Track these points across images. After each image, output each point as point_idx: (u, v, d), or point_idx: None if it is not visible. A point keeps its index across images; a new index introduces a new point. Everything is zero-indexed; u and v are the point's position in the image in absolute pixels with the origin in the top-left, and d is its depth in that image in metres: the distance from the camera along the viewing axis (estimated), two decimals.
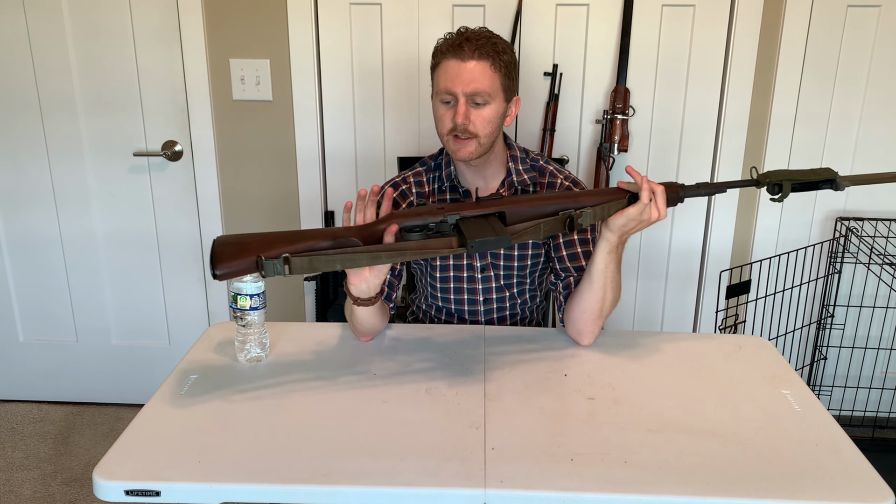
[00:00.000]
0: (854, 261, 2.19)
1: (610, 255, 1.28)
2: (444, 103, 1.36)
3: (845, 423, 2.13)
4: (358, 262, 1.15)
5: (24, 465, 2.21)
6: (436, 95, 1.37)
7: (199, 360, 1.31)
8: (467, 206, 1.21)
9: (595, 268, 1.30)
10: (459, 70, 1.32)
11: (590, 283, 1.31)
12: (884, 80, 2.09)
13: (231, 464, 1.00)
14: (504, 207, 1.20)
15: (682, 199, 1.24)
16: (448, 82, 1.33)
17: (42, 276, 2.43)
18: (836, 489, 0.95)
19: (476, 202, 1.21)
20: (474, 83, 1.32)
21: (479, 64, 1.32)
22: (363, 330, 1.36)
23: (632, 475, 0.97)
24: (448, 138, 1.38)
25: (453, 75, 1.32)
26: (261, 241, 1.13)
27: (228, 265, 1.10)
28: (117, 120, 2.26)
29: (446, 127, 1.37)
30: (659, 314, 2.37)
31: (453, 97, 1.34)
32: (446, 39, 1.36)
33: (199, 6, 2.12)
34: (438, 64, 1.35)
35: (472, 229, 1.15)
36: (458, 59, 1.32)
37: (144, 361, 2.49)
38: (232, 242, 1.13)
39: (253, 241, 1.13)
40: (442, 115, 1.37)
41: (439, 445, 1.04)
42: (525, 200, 1.22)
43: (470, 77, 1.32)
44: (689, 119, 2.16)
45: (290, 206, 2.29)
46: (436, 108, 1.39)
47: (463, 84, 1.32)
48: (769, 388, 1.21)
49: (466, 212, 1.19)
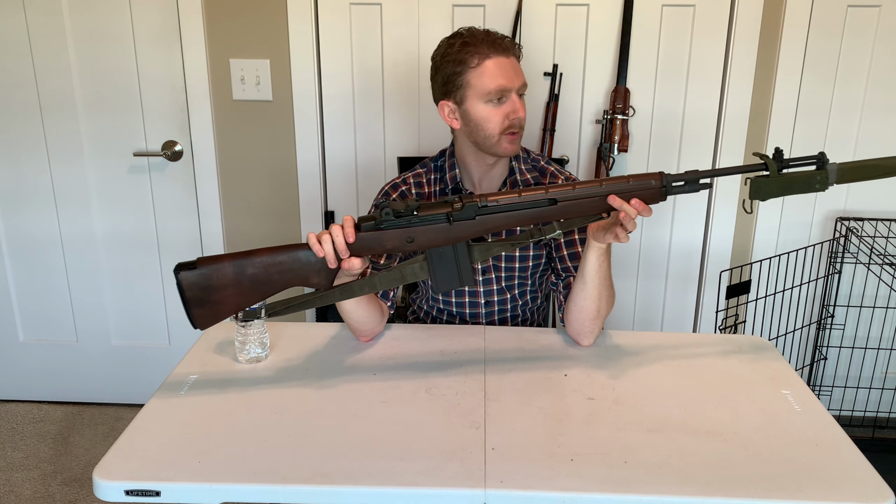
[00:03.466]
0: (854, 261, 2.19)
1: (602, 257, 1.28)
2: (492, 102, 1.35)
3: (845, 423, 2.13)
4: (330, 299, 1.18)
5: (24, 465, 2.21)
6: (481, 97, 1.35)
7: (199, 360, 1.31)
8: (431, 230, 1.15)
9: (588, 269, 1.29)
10: (506, 65, 1.34)
11: (583, 285, 1.31)
12: (884, 81, 2.09)
13: (231, 464, 1.00)
14: (477, 232, 1.15)
15: (664, 197, 1.15)
16: (502, 79, 1.33)
17: (42, 276, 2.43)
18: (836, 489, 0.95)
19: (449, 222, 1.14)
20: (521, 77, 1.37)
21: (516, 58, 1.37)
22: (355, 325, 1.36)
23: (632, 475, 0.97)
24: (501, 137, 1.36)
25: (505, 71, 1.33)
26: (229, 283, 1.13)
27: (208, 324, 1.16)
28: (117, 120, 2.26)
29: (500, 125, 1.35)
30: (659, 314, 2.37)
31: (507, 94, 1.34)
32: (472, 39, 1.34)
33: (199, 6, 2.12)
34: (480, 64, 1.33)
35: (438, 265, 1.16)
36: (503, 55, 1.34)
37: (144, 361, 2.49)
38: (205, 302, 1.13)
39: (224, 292, 1.13)
40: (492, 115, 1.35)
41: (439, 445, 1.04)
42: (501, 210, 1.14)
43: (516, 72, 1.35)
44: (690, 119, 2.16)
45: (291, 206, 2.29)
46: (481, 111, 1.35)
47: (515, 78, 1.35)
48: (769, 388, 1.21)
49: (431, 235, 1.14)
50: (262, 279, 1.14)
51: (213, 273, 1.12)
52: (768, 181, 1.12)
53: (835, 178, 1.11)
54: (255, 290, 1.14)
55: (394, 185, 1.52)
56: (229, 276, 1.13)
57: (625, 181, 1.14)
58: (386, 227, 1.14)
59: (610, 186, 1.13)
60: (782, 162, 1.11)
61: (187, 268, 1.12)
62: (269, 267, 1.14)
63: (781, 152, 1.11)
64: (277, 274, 1.14)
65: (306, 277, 1.16)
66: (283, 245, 1.16)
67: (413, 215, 1.13)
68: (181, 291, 1.12)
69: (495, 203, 1.13)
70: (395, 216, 1.13)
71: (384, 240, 1.14)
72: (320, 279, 1.16)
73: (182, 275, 1.11)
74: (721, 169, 1.14)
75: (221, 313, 1.15)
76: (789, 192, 1.13)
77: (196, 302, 1.13)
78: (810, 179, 1.12)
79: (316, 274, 1.16)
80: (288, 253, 1.15)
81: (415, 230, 1.14)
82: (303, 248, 1.15)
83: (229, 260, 1.13)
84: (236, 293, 1.13)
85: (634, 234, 2.26)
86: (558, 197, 1.13)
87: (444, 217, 1.13)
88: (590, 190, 1.14)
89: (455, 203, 1.13)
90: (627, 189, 1.13)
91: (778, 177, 1.11)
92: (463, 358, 1.31)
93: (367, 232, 1.14)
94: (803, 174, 1.12)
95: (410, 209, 1.13)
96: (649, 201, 1.14)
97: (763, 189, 1.12)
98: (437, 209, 1.14)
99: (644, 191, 1.13)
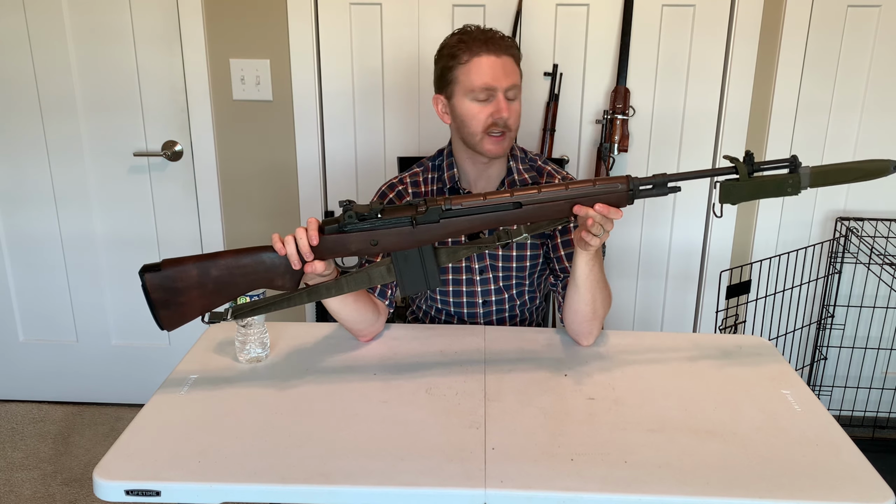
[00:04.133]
0: (854, 261, 2.19)
1: (592, 261, 1.27)
2: (478, 101, 1.35)
3: (845, 423, 2.12)
4: (297, 301, 1.18)
5: (24, 465, 2.21)
6: (466, 94, 1.35)
7: (199, 360, 1.31)
8: (395, 233, 1.14)
9: (578, 274, 1.28)
10: (496, 65, 1.33)
11: (576, 289, 1.30)
12: (884, 81, 2.09)
13: (231, 464, 1.00)
14: (441, 235, 1.14)
15: (631, 201, 1.13)
16: (487, 78, 1.33)
17: (42, 276, 2.43)
18: (836, 489, 0.95)
19: (413, 225, 1.14)
20: (510, 77, 1.34)
21: (510, 59, 1.35)
22: (347, 325, 1.35)
23: (632, 475, 0.97)
24: (483, 136, 1.36)
25: (493, 70, 1.33)
26: (193, 285, 1.13)
27: (174, 326, 1.16)
28: (117, 120, 2.26)
29: (483, 124, 1.35)
30: (659, 314, 2.37)
31: (492, 93, 1.34)
32: (467, 36, 1.35)
33: (199, 6, 2.12)
34: (469, 61, 1.34)
35: (404, 268, 1.16)
36: (493, 54, 1.33)
37: (144, 361, 2.49)
38: (170, 304, 1.13)
39: (188, 294, 1.13)
40: (477, 113, 1.35)
41: (439, 445, 1.04)
42: (465, 214, 1.13)
43: (505, 71, 1.33)
44: (690, 119, 2.16)
45: (291, 206, 2.29)
46: (466, 107, 1.36)
47: (504, 78, 1.33)
48: (769, 388, 1.21)
49: (395, 238, 1.14)
50: (226, 281, 1.14)
51: (178, 275, 1.13)
52: (738, 185, 1.10)
53: (808, 181, 1.09)
54: (220, 292, 1.15)
55: (391, 186, 1.52)
56: (193, 278, 1.13)
57: (590, 184, 1.13)
58: (349, 230, 1.14)
59: (575, 190, 1.13)
60: (753, 165, 1.09)
61: (152, 269, 1.12)
62: (234, 269, 1.14)
63: (752, 155, 1.09)
64: (241, 276, 1.15)
65: (271, 280, 1.16)
66: (248, 247, 1.16)
67: (377, 218, 1.13)
68: (146, 293, 1.12)
69: (459, 206, 1.13)
70: (358, 219, 1.13)
71: (348, 242, 1.15)
72: (285, 281, 1.16)
73: (147, 276, 1.12)
74: (690, 172, 1.12)
75: (188, 314, 1.15)
76: (760, 195, 1.11)
77: (161, 304, 1.13)
78: (782, 183, 1.10)
79: (280, 276, 1.16)
80: (252, 255, 1.15)
81: (378, 233, 1.14)
82: (267, 250, 1.15)
83: (193, 262, 1.13)
84: (201, 295, 1.14)
85: (634, 234, 2.27)
86: (523, 200, 1.13)
87: (407, 220, 1.13)
88: (554, 193, 1.13)
89: (419, 206, 1.14)
90: (592, 192, 1.13)
91: (748, 180, 1.09)
92: (463, 358, 1.31)
93: (331, 235, 1.14)
94: (775, 178, 1.10)
95: (374, 212, 1.13)
96: (616, 205, 1.13)
97: (733, 193, 1.10)
98: (401, 212, 1.14)
99: (609, 194, 1.13)
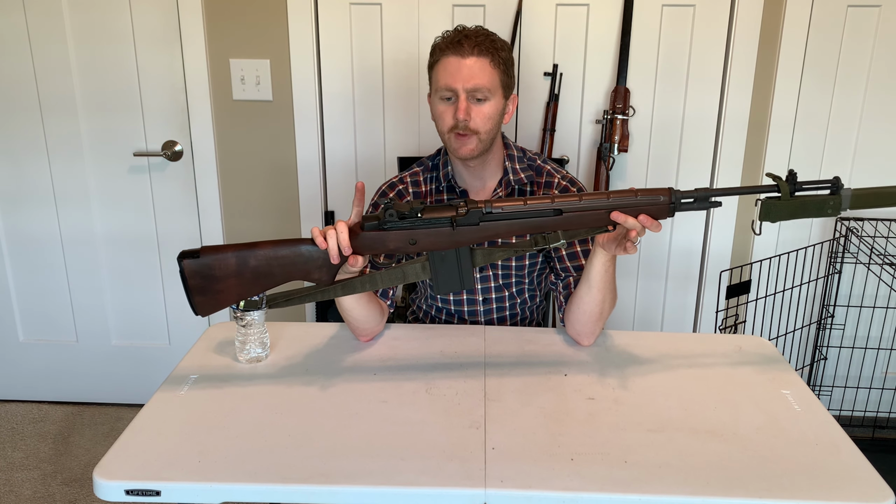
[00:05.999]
0: (854, 261, 2.19)
1: (609, 263, 1.28)
2: (445, 100, 1.36)
3: (845, 423, 2.12)
4: (331, 294, 1.19)
5: (24, 465, 2.21)
6: (435, 93, 1.38)
7: (199, 360, 1.31)
8: (434, 233, 1.14)
9: (593, 274, 1.29)
10: (459, 66, 1.32)
11: (588, 288, 1.31)
12: (884, 81, 2.09)
13: (231, 464, 1.00)
14: (480, 237, 1.14)
15: (672, 213, 1.13)
16: (448, 79, 1.33)
17: (42, 276, 2.43)
18: (836, 489, 0.95)
19: (452, 227, 1.13)
20: (474, 79, 1.33)
21: (479, 60, 1.33)
22: (355, 323, 1.36)
23: (632, 475, 0.97)
24: (449, 136, 1.37)
25: (453, 71, 1.33)
26: (231, 273, 1.14)
27: (209, 312, 1.16)
28: (117, 120, 2.26)
29: (447, 124, 1.36)
30: (659, 314, 2.37)
31: (454, 94, 1.34)
32: (444, 37, 1.37)
33: (199, 6, 2.12)
34: (437, 61, 1.36)
35: (440, 267, 1.17)
36: (457, 55, 1.33)
37: (144, 361, 2.49)
38: (206, 291, 1.13)
39: (226, 282, 1.14)
40: (442, 113, 1.37)
41: (439, 445, 1.04)
42: (505, 218, 1.13)
43: (470, 73, 1.32)
44: (690, 119, 2.16)
45: (291, 206, 2.29)
46: (435, 106, 1.39)
47: (463, 80, 1.32)
48: (769, 388, 1.21)
49: (434, 238, 1.14)
50: (263, 271, 1.14)
51: (216, 263, 1.13)
52: (779, 204, 1.09)
53: (848, 203, 1.08)
54: (257, 282, 1.14)
55: (391, 185, 1.52)
56: (231, 267, 1.13)
57: (632, 195, 1.12)
58: (389, 228, 1.14)
59: (617, 200, 1.12)
60: (795, 184, 1.08)
61: (190, 256, 1.12)
62: (272, 260, 1.14)
63: (795, 175, 1.08)
64: (279, 267, 1.14)
65: (308, 272, 1.16)
66: (286, 238, 1.16)
67: (417, 217, 1.13)
68: (184, 279, 1.12)
69: (500, 210, 1.13)
70: (398, 217, 1.13)
71: (387, 240, 1.14)
72: (321, 274, 1.16)
73: (185, 263, 1.12)
74: (733, 188, 1.13)
75: (222, 302, 1.15)
76: (800, 215, 1.10)
77: (198, 290, 1.13)
78: (823, 204, 1.09)
79: (318, 269, 1.16)
80: (291, 247, 1.15)
81: (418, 232, 1.14)
82: (306, 242, 1.15)
83: (232, 251, 1.13)
84: (238, 283, 1.14)
85: None
86: (564, 208, 1.12)
87: (448, 221, 1.13)
88: (596, 202, 1.12)
89: (460, 208, 1.13)
90: (635, 204, 1.12)
91: (790, 199, 1.09)
92: (463, 358, 1.31)
93: (371, 231, 1.14)
94: (816, 198, 1.09)
95: (415, 211, 1.13)
96: (657, 217, 1.13)
97: (773, 211, 1.09)
98: (442, 212, 1.13)
99: (651, 206, 1.12)
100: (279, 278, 1.15)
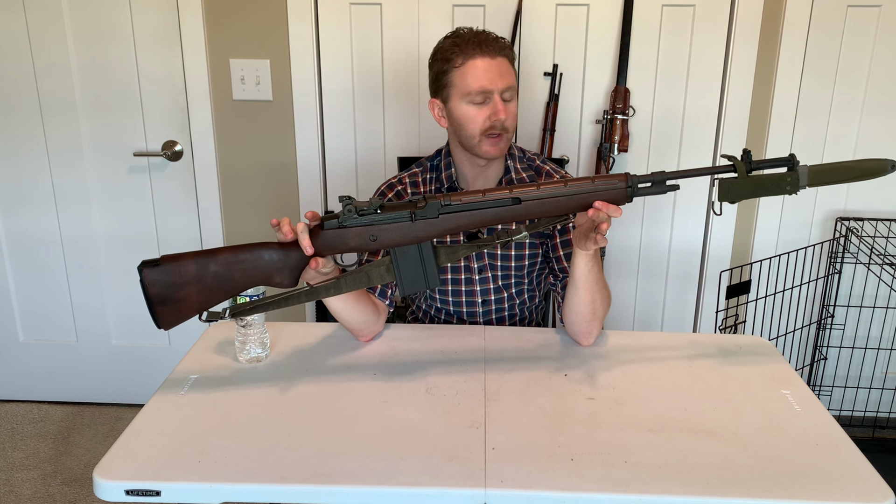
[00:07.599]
0: (854, 261, 2.19)
1: (590, 262, 1.27)
2: (475, 104, 1.35)
3: (845, 423, 2.13)
4: (295, 300, 1.17)
5: (24, 465, 2.21)
6: (463, 97, 1.35)
7: (199, 360, 1.31)
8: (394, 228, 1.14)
9: (577, 275, 1.29)
10: (490, 67, 1.33)
11: (576, 289, 1.30)
12: (884, 81, 2.08)
13: (231, 464, 1.00)
14: (441, 231, 1.14)
15: (630, 198, 1.13)
16: (484, 81, 1.33)
17: (42, 276, 2.43)
18: (836, 489, 0.95)
19: (412, 220, 1.13)
20: (506, 79, 1.35)
21: (505, 60, 1.35)
22: (348, 325, 1.35)
23: (632, 475, 0.97)
24: (481, 138, 1.37)
25: (488, 73, 1.33)
26: (191, 280, 1.12)
27: (172, 324, 1.14)
28: (117, 120, 2.26)
29: (481, 126, 1.36)
30: (659, 314, 2.37)
31: (488, 95, 1.34)
32: (458, 41, 1.35)
33: (199, 6, 2.12)
34: (463, 64, 1.34)
35: (403, 265, 1.16)
36: (487, 56, 1.33)
37: (144, 361, 2.49)
38: (167, 300, 1.12)
39: (186, 290, 1.12)
40: (475, 116, 1.36)
41: (439, 445, 1.04)
42: (464, 209, 1.13)
43: (500, 73, 1.34)
44: (690, 119, 2.16)
45: (291, 206, 2.29)
46: (463, 110, 1.36)
47: (498, 80, 1.34)
48: (769, 388, 1.21)
49: (395, 234, 1.14)
50: (224, 277, 1.13)
51: (175, 270, 1.12)
52: (737, 183, 1.10)
53: (806, 180, 1.09)
54: (218, 289, 1.14)
55: (389, 185, 1.52)
56: (191, 274, 1.12)
57: (589, 182, 1.12)
58: (349, 225, 1.14)
59: (574, 187, 1.12)
60: (751, 163, 1.09)
61: (151, 265, 1.12)
62: (232, 264, 1.13)
63: (750, 153, 1.09)
64: (240, 272, 1.13)
65: (269, 276, 1.15)
66: (246, 243, 1.15)
67: (376, 213, 1.13)
68: (144, 288, 1.11)
69: (458, 202, 1.13)
70: (357, 214, 1.13)
71: (348, 238, 1.14)
72: (283, 278, 1.15)
73: (145, 271, 1.11)
74: (689, 170, 1.12)
75: (185, 312, 1.14)
76: (759, 193, 1.11)
77: (159, 299, 1.12)
78: (780, 181, 1.10)
79: (279, 272, 1.15)
80: (250, 251, 1.14)
81: (377, 228, 1.14)
82: (266, 246, 1.15)
83: (192, 258, 1.13)
84: (198, 291, 1.13)
85: (634, 234, 2.27)
86: (522, 196, 1.13)
87: (406, 215, 1.13)
88: (553, 190, 1.13)
89: (419, 202, 1.14)
90: (591, 190, 1.12)
91: (746, 178, 1.10)
92: (463, 358, 1.31)
93: (330, 230, 1.14)
94: (773, 176, 1.10)
95: (373, 207, 1.13)
96: (614, 202, 1.12)
97: (732, 190, 1.10)
98: (401, 208, 1.14)
99: (608, 191, 1.12)
100: (240, 283, 1.14)
